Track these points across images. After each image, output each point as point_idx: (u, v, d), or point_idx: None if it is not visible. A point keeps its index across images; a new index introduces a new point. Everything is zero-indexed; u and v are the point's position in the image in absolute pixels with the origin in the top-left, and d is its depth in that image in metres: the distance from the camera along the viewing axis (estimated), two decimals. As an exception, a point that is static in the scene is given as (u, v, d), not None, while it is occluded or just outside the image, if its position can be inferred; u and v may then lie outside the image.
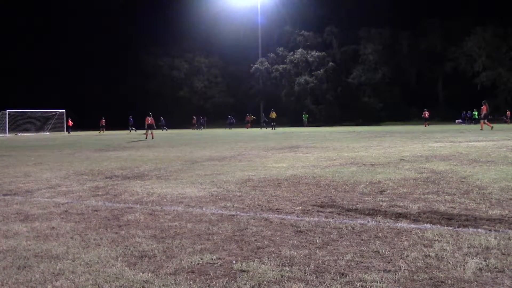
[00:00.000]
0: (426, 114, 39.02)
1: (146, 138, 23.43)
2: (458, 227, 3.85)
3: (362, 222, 4.10)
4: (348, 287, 2.63)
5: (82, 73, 60.43)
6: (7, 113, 41.03)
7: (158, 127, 41.50)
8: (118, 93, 59.54)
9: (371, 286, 2.63)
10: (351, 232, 3.78)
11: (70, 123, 44.34)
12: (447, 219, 4.14)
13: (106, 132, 41.01)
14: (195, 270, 2.98)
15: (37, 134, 41.63)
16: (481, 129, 23.62)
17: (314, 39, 59.82)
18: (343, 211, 4.57)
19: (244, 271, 2.92)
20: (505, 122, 40.03)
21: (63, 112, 45.88)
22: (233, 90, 63.84)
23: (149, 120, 25.37)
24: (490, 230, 3.70)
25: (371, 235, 3.66)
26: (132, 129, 41.05)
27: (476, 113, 39.29)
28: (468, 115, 44.31)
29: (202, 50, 63.93)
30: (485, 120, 24.77)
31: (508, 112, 41.18)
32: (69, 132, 42.21)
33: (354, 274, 2.81)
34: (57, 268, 3.07)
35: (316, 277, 2.78)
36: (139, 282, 2.78)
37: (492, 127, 23.68)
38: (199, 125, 49.34)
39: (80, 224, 4.33)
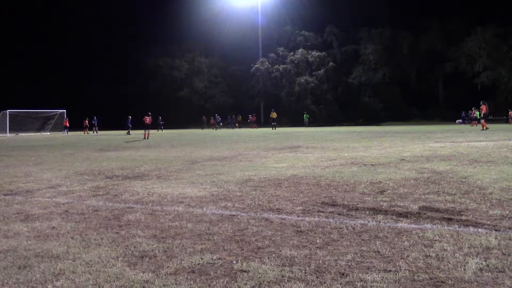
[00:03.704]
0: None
1: (144, 138, 23.45)
2: (458, 227, 3.85)
3: (363, 222, 4.10)
4: (349, 287, 2.63)
5: (82, 73, 60.47)
6: (7, 113, 41.03)
7: (156, 127, 41.66)
8: (118, 93, 59.56)
9: (371, 286, 2.63)
10: (351, 232, 3.78)
11: (67, 123, 44.47)
12: (448, 219, 4.13)
13: (102, 132, 41.33)
14: (196, 270, 2.98)
15: (38, 134, 41.64)
16: (482, 129, 23.60)
17: (314, 39, 59.83)
18: (344, 211, 4.57)
19: (245, 271, 2.92)
20: (508, 122, 39.90)
21: (63, 112, 45.88)
22: (233, 90, 63.84)
23: (148, 119, 25.41)
24: (491, 230, 3.70)
25: (371, 235, 3.66)
26: (91, 130, 41.85)
27: (478, 113, 39.20)
28: (469, 115, 44.21)
29: (203, 50, 63.88)
30: (483, 120, 24.80)
31: (510, 112, 41.05)
32: (67, 132, 42.37)
33: (355, 274, 2.81)
34: (58, 268, 3.08)
35: (317, 277, 2.78)
36: (140, 282, 2.78)
37: (487, 128, 23.69)
38: (216, 124, 49.55)
39: (81, 224, 4.33)
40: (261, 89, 60.68)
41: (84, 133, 40.43)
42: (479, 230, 3.73)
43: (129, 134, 32.54)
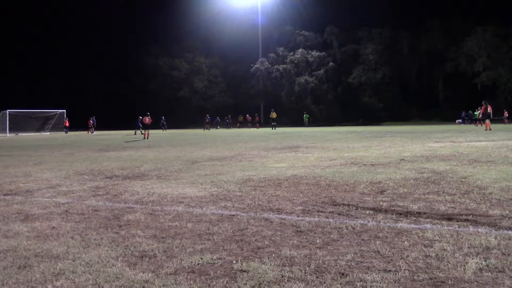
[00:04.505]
0: None
1: (144, 138, 23.47)
2: (458, 227, 3.85)
3: (363, 222, 4.10)
4: (349, 287, 2.63)
5: (82, 73, 60.48)
6: (7, 113, 41.02)
7: (159, 127, 41.60)
8: (118, 93, 59.55)
9: (371, 286, 2.63)
10: (351, 232, 3.78)
11: (67, 123, 44.51)
12: (448, 219, 4.13)
13: (102, 132, 41.27)
14: (196, 270, 2.98)
15: (38, 134, 41.64)
16: (486, 129, 23.51)
17: (314, 39, 59.86)
18: (344, 211, 4.57)
19: (245, 271, 2.92)
20: (504, 122, 39.89)
21: (63, 112, 45.88)
22: (233, 90, 63.88)
23: (147, 119, 25.43)
24: (491, 230, 3.70)
25: (371, 235, 3.66)
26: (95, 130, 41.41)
27: (477, 113, 39.26)
28: (469, 115, 44.24)
29: (202, 50, 63.94)
30: (486, 120, 24.79)
31: (505, 112, 41.06)
32: (66, 132, 42.37)
33: (355, 274, 2.81)
34: (58, 268, 3.08)
35: (317, 277, 2.78)
36: (140, 282, 2.78)
37: (486, 129, 23.67)
38: (220, 124, 49.52)
39: (81, 224, 4.33)
40: (261, 89, 60.72)
41: (89, 133, 40.08)
42: (479, 230, 3.73)
43: (141, 133, 32.29)
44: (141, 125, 34.34)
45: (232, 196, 5.62)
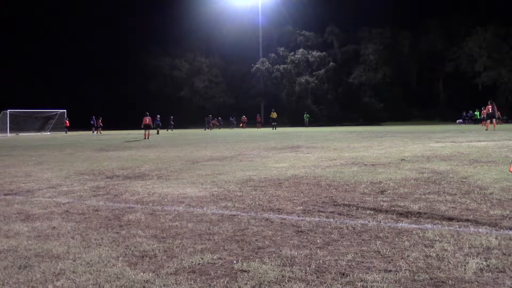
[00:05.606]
0: None
1: (145, 138, 23.48)
2: (459, 227, 3.85)
3: (363, 222, 4.10)
4: (349, 287, 2.63)
5: (82, 73, 60.50)
6: (7, 113, 41.03)
7: (164, 127, 41.44)
8: (118, 93, 59.56)
9: (372, 286, 2.62)
10: (352, 232, 3.78)
11: (67, 123, 44.53)
12: (448, 219, 4.13)
13: (104, 132, 41.23)
14: (196, 270, 2.98)
15: (38, 134, 41.65)
16: (486, 130, 23.48)
17: (315, 39, 59.89)
18: (344, 211, 4.57)
19: (245, 271, 2.92)
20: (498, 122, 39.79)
21: (63, 112, 45.90)
22: (234, 90, 63.92)
23: (147, 120, 25.42)
24: (491, 230, 3.70)
25: (372, 235, 3.66)
26: (97, 130, 40.95)
27: (478, 113, 39.25)
28: (470, 115, 44.21)
29: (203, 50, 63.99)
30: (488, 120, 24.78)
31: (498, 113, 40.96)
32: (65, 132, 42.37)
33: (355, 274, 2.80)
34: (58, 268, 3.08)
35: (317, 277, 2.78)
36: (140, 282, 2.78)
37: (487, 129, 23.68)
38: (232, 124, 49.76)
39: (81, 224, 4.33)
40: (262, 89, 60.79)
41: (98, 133, 39.65)
42: (480, 230, 3.73)
43: (158, 133, 32.07)
44: (160, 124, 34.25)
45: (233, 196, 5.62)
